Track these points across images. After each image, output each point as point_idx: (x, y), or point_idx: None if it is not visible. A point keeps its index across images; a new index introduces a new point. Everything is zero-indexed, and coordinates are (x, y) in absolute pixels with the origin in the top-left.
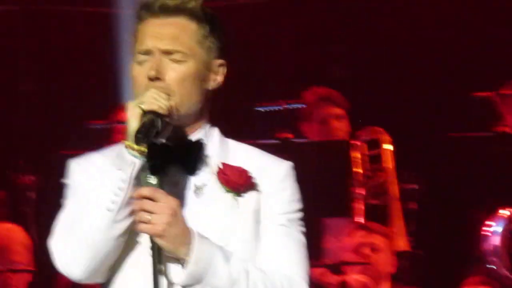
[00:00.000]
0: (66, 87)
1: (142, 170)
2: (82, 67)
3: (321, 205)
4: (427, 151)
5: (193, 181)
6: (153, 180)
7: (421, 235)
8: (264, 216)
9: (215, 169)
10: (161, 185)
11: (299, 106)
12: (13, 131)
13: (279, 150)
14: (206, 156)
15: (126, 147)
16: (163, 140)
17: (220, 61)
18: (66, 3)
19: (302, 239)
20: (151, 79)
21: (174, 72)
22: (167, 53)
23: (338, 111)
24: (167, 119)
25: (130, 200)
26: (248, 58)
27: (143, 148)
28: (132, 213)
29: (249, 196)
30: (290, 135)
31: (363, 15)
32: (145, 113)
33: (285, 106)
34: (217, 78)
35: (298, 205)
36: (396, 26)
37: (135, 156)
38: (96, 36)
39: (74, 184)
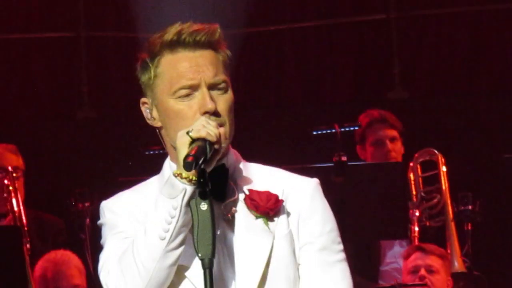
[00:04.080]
0: (124, 115)
1: (191, 197)
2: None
3: (377, 227)
4: (481, 172)
5: (223, 208)
6: (203, 206)
7: (477, 256)
8: (300, 241)
9: (242, 195)
10: (212, 211)
11: (354, 128)
12: (71, 159)
13: (335, 173)
14: (232, 182)
15: (175, 175)
16: (212, 166)
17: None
18: (121, 29)
19: (342, 257)
20: (211, 113)
21: (222, 103)
22: (213, 85)
23: (392, 132)
24: (216, 146)
25: (182, 228)
26: (303, 83)
27: (191, 176)
28: (184, 241)
29: (280, 219)
30: (345, 158)
31: (416, 37)
32: (193, 140)
33: (340, 129)
34: None
35: (331, 223)
36: (450, 47)
37: (184, 184)
38: None
39: (111, 222)
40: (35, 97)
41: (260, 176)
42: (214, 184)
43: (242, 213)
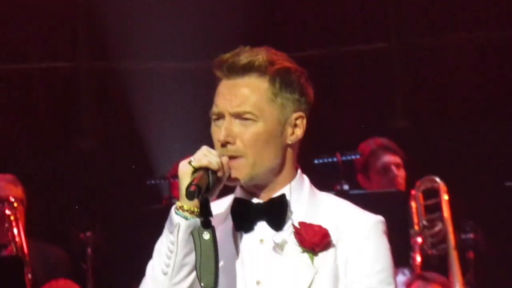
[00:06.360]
0: (125, 145)
1: (194, 227)
2: (141, 125)
3: None
4: (483, 200)
5: (275, 238)
6: (206, 235)
7: (479, 285)
8: (346, 278)
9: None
10: (214, 240)
11: (355, 157)
12: (72, 189)
13: None
14: (290, 212)
15: (177, 207)
16: (214, 195)
17: (298, 113)
18: (121, 59)
19: None
20: (222, 144)
21: (244, 133)
22: (237, 115)
23: (396, 159)
24: (219, 174)
25: (184, 261)
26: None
27: (193, 207)
28: (190, 274)
29: (326, 254)
30: (347, 187)
31: (418, 66)
32: (196, 170)
33: (342, 158)
34: (296, 131)
35: (382, 264)
36: (452, 76)
37: (184, 217)
38: (155, 92)
39: None
40: (35, 127)
41: (321, 208)
42: (271, 213)
43: (291, 245)
